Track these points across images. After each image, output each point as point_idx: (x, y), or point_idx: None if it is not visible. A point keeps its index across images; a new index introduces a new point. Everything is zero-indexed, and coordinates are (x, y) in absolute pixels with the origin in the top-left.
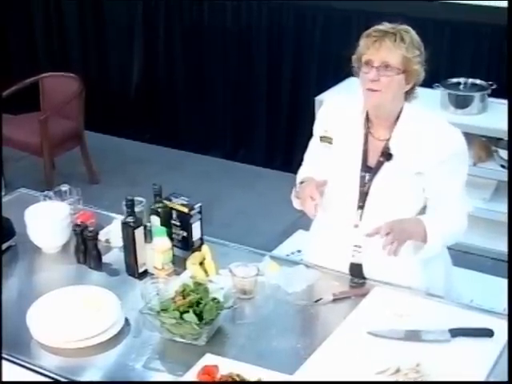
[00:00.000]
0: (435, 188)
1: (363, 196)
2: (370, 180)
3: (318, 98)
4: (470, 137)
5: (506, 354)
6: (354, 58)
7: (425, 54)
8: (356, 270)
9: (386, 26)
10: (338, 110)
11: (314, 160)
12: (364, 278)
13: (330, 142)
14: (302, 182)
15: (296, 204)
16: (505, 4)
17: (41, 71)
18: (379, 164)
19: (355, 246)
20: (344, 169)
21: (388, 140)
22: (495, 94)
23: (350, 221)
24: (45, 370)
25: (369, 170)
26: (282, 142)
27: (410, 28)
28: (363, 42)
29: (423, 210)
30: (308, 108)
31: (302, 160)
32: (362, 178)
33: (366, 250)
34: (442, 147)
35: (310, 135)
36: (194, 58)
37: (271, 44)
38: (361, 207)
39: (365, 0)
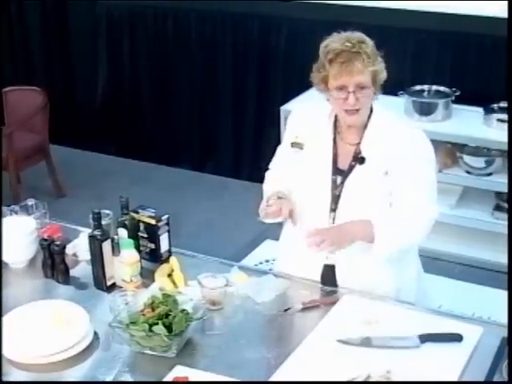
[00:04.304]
0: (400, 187)
1: (335, 199)
2: (342, 183)
3: (283, 108)
4: (435, 143)
5: (474, 358)
6: (316, 78)
7: (384, 57)
8: (329, 272)
9: (343, 43)
10: (308, 117)
11: (283, 165)
12: (335, 283)
13: (301, 148)
14: (280, 197)
15: (261, 214)
16: (468, 11)
17: (4, 85)
18: (351, 167)
19: None
20: (315, 173)
21: (358, 144)
22: (459, 101)
23: (323, 224)
24: None
25: (340, 173)
26: (248, 153)
27: (363, 35)
28: (331, 69)
29: None
30: (274, 118)
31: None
32: (334, 181)
33: (339, 252)
34: (406, 146)
35: (277, 145)
36: (159, 70)
37: (236, 55)
38: (333, 210)
39: (328, 10)
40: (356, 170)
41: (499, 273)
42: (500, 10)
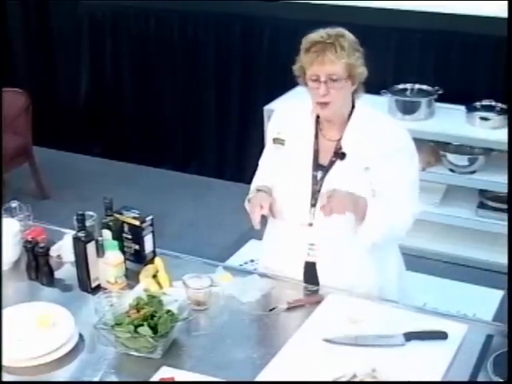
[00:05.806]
0: (381, 183)
1: (315, 194)
2: (322, 178)
3: (266, 108)
4: (418, 142)
5: (459, 355)
6: (296, 69)
7: (363, 52)
8: (310, 269)
9: (320, 35)
10: (290, 114)
11: (269, 164)
12: (317, 281)
13: (283, 144)
14: (259, 190)
15: (248, 207)
16: (451, 10)
17: None
18: (331, 163)
19: (310, 244)
20: (296, 168)
21: (339, 140)
22: (442, 99)
23: (303, 219)
24: None
25: (321, 169)
26: (232, 153)
27: (344, 30)
28: (305, 58)
29: None
30: (257, 118)
31: (253, 171)
32: (314, 176)
33: (320, 247)
34: (387, 142)
35: (260, 145)
36: (142, 71)
37: (219, 55)
38: (314, 205)
39: (312, 10)
40: (336, 165)
41: (484, 270)
42: (485, 9)
